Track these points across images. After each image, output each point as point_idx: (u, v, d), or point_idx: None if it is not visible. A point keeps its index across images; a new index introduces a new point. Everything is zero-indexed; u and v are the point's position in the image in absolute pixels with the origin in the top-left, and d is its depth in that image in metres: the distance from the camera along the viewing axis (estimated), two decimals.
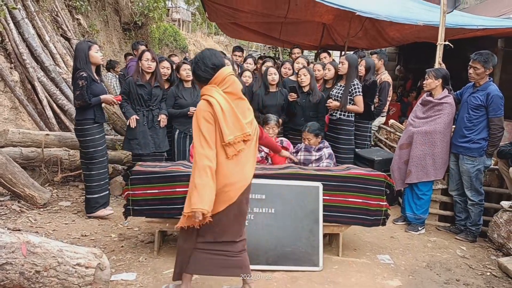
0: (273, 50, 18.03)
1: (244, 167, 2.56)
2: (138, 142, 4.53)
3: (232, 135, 2.46)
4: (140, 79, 4.54)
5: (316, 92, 5.02)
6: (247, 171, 2.59)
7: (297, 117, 5.05)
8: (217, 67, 2.53)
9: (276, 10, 8.00)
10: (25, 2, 6.25)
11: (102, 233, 3.99)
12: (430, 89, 4.39)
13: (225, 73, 2.53)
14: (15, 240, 2.38)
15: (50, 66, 6.19)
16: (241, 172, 2.55)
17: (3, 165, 4.16)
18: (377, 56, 5.90)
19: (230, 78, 2.54)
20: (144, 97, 4.55)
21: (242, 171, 2.55)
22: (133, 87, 4.53)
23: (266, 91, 5.12)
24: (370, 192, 3.60)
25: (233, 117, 2.50)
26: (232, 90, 2.55)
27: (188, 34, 24.46)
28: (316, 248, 3.43)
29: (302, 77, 5.01)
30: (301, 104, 5.00)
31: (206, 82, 2.56)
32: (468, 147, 4.19)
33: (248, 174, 2.60)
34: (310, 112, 5.00)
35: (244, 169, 2.56)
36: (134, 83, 4.52)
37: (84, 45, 4.15)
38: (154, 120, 4.62)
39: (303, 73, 5.02)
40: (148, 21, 11.37)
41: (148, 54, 4.54)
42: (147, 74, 4.58)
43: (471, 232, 4.34)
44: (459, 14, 7.24)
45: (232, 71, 2.60)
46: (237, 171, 2.53)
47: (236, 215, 2.63)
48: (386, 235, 4.34)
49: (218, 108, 2.44)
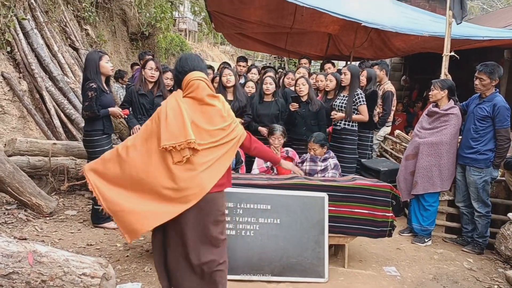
0: (278, 60, 18.11)
1: (196, 177, 2.38)
2: None
3: (170, 141, 2.32)
4: (142, 88, 4.57)
5: (315, 100, 5.04)
6: (203, 178, 2.39)
7: (298, 127, 5.05)
8: (185, 72, 2.50)
9: (282, 21, 8.06)
10: (34, 12, 6.35)
11: (108, 243, 3.99)
12: (436, 100, 4.39)
13: (190, 78, 2.47)
14: (22, 249, 2.40)
15: (58, 76, 6.26)
16: (194, 179, 2.37)
17: (10, 174, 4.20)
18: (378, 67, 5.93)
19: (194, 82, 2.46)
20: (146, 106, 4.57)
21: (195, 179, 2.37)
22: (135, 96, 4.56)
23: (260, 100, 5.16)
24: (376, 203, 3.58)
25: (179, 122, 2.36)
26: (195, 95, 2.46)
27: (195, 44, 24.67)
28: (321, 259, 3.41)
29: (300, 86, 5.03)
30: (301, 113, 5.01)
31: (180, 86, 2.54)
32: (475, 158, 4.17)
33: (203, 182, 2.39)
34: (311, 121, 5.02)
35: (196, 179, 2.38)
36: (136, 92, 4.55)
37: (94, 55, 4.18)
38: None
39: (302, 83, 5.04)
40: (155, 31, 11.47)
41: (152, 63, 4.57)
42: (150, 83, 4.61)
43: (478, 244, 4.30)
44: (465, 25, 7.24)
45: (200, 75, 2.49)
46: (188, 177, 2.36)
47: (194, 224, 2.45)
48: (392, 247, 4.31)
49: (163, 112, 2.39)
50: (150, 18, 10.45)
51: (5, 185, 4.21)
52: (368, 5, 7.35)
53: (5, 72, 5.50)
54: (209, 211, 2.46)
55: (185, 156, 2.34)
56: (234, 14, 7.92)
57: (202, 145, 2.39)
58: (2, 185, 4.23)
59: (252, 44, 11.16)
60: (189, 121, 2.38)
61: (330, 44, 9.34)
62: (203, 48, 26.05)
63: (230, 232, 3.34)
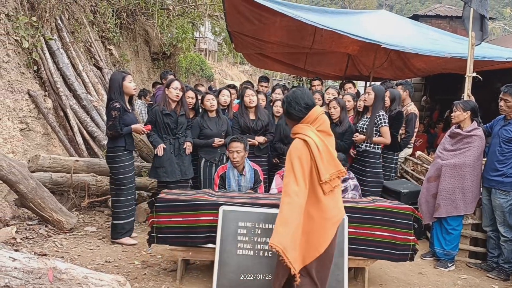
0: (297, 80, 18.18)
1: (338, 201, 2.64)
2: (165, 170, 4.60)
3: (328, 173, 2.52)
4: (166, 108, 4.64)
5: (344, 123, 4.99)
6: (341, 204, 2.67)
7: None
8: (309, 106, 2.60)
9: (301, 41, 8.12)
10: (61, 33, 6.56)
11: (126, 260, 4.00)
12: (459, 122, 4.32)
13: (318, 112, 2.61)
14: (42, 265, 2.41)
15: (82, 94, 6.42)
16: (337, 206, 2.62)
17: (33, 190, 4.28)
18: (402, 87, 5.86)
19: (322, 117, 2.62)
20: (171, 125, 4.64)
21: (337, 205, 2.62)
22: (159, 116, 4.63)
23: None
24: (397, 225, 3.51)
25: (328, 155, 2.55)
26: (324, 128, 2.62)
27: (214, 64, 25.04)
28: (341, 282, 3.33)
29: (332, 110, 5.00)
30: None
31: (299, 120, 2.62)
32: (501, 181, 4.07)
33: (342, 208, 2.67)
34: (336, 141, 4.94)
35: (338, 203, 2.64)
36: (160, 112, 4.62)
37: (118, 75, 4.29)
38: (180, 148, 4.69)
39: (333, 106, 5.01)
40: (176, 51, 11.70)
41: (177, 83, 4.65)
42: (173, 103, 4.68)
43: (503, 270, 4.16)
44: (487, 46, 7.18)
45: (322, 110, 2.67)
46: (334, 205, 2.58)
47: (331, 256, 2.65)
48: (414, 271, 4.19)
49: (314, 147, 2.50)
50: (172, 39, 10.68)
51: (28, 200, 4.29)
52: (388, 26, 7.36)
53: (31, 90, 5.66)
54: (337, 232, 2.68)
55: (335, 186, 2.56)
56: (254, 34, 8.02)
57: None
58: (25, 201, 4.31)
59: (271, 64, 11.25)
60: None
61: (349, 64, 9.34)
62: (222, 67, 26.41)
63: (248, 252, 3.31)
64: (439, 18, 11.78)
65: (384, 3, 52.56)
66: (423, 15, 12.05)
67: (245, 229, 3.33)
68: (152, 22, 9.69)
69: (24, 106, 5.50)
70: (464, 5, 5.34)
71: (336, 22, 6.80)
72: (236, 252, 3.31)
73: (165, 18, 9.65)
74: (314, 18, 6.43)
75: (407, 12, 47.23)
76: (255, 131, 5.09)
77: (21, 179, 4.18)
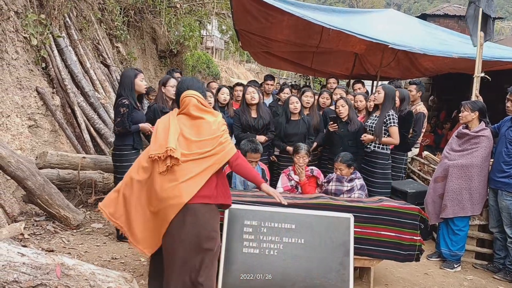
0: (304, 79, 18.16)
1: (178, 185, 2.52)
2: None
3: (157, 151, 2.55)
4: (165, 106, 4.63)
5: (354, 121, 4.97)
6: (181, 189, 2.51)
7: (335, 147, 4.97)
8: (180, 92, 2.79)
9: (308, 40, 8.10)
10: (69, 30, 6.59)
11: (132, 257, 4.03)
12: (466, 122, 4.30)
13: (183, 96, 2.75)
14: (50, 261, 2.44)
15: (89, 92, 6.45)
16: (173, 189, 2.51)
17: (41, 186, 4.31)
18: (416, 88, 5.78)
19: (185, 99, 2.73)
20: None
21: (174, 189, 2.51)
22: (158, 114, 4.61)
23: (287, 119, 5.12)
24: (403, 225, 3.50)
25: (165, 135, 2.60)
26: (186, 111, 2.72)
27: (221, 62, 25.04)
28: (346, 282, 3.33)
29: (340, 108, 4.97)
30: (339, 133, 4.95)
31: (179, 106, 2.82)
32: (508, 182, 4.04)
33: (182, 192, 2.51)
34: (348, 141, 4.92)
35: (177, 187, 2.51)
36: (159, 111, 4.60)
37: (130, 72, 4.28)
38: None
39: (341, 104, 4.97)
40: (183, 49, 11.71)
41: (174, 81, 4.61)
42: (170, 101, 4.66)
43: (510, 272, 4.14)
44: (495, 46, 7.14)
45: (191, 93, 2.74)
46: (169, 187, 2.52)
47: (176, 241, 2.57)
48: (420, 271, 4.18)
49: (155, 127, 2.74)
50: (178, 36, 10.70)
51: (35, 197, 4.33)
52: (396, 25, 7.33)
53: (39, 87, 5.70)
54: (195, 222, 2.55)
55: (167, 165, 2.51)
56: (261, 33, 8.02)
57: (187, 155, 2.56)
58: (33, 197, 4.35)
59: (278, 62, 11.25)
60: (176, 133, 2.60)
61: (356, 63, 9.31)
62: (229, 65, 26.41)
63: (254, 251, 3.32)
64: (447, 17, 11.72)
65: (391, 1, 52.32)
66: (431, 14, 12.00)
67: (251, 228, 3.34)
68: (159, 20, 9.72)
69: (32, 103, 5.54)
70: (468, 5, 5.28)
71: (343, 21, 6.78)
72: (242, 251, 3.31)
73: (173, 16, 9.66)
74: (321, 18, 6.42)
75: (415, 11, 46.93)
76: (256, 130, 5.04)
77: (29, 175, 4.22)
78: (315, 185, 4.41)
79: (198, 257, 2.58)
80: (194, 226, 2.55)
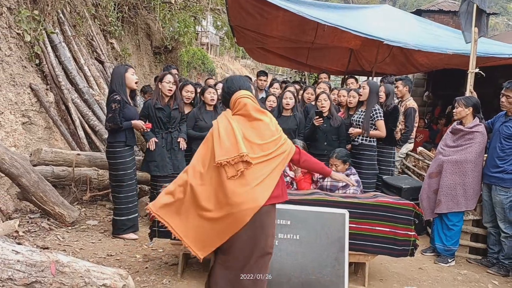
0: (299, 75, 18.14)
1: (253, 188, 2.48)
2: (156, 164, 4.60)
3: (225, 156, 2.45)
4: (159, 102, 4.61)
5: (335, 116, 5.05)
6: (256, 193, 2.48)
7: (319, 142, 5.05)
8: (231, 92, 2.65)
9: (304, 36, 8.10)
10: (62, 27, 6.54)
11: (127, 254, 4.02)
12: (461, 118, 4.32)
13: (236, 97, 2.62)
14: (45, 259, 2.43)
15: (84, 88, 6.41)
16: (248, 194, 2.46)
17: (35, 183, 4.29)
18: (402, 83, 5.83)
19: (240, 101, 2.60)
20: (163, 119, 4.62)
21: (249, 193, 2.46)
22: (152, 110, 4.60)
23: (279, 114, 5.16)
24: (398, 221, 3.52)
25: (232, 139, 2.50)
26: (243, 112, 2.60)
27: (216, 58, 24.94)
28: (341, 277, 3.36)
29: (322, 102, 5.02)
30: (322, 129, 5.00)
31: (228, 105, 2.69)
32: (501, 177, 4.07)
33: (257, 195, 2.48)
34: (332, 136, 5.01)
35: (252, 191, 2.47)
36: (153, 106, 4.60)
37: (121, 68, 4.30)
38: (173, 142, 4.67)
39: (323, 98, 5.04)
40: (178, 45, 11.66)
41: (170, 77, 4.60)
42: (166, 97, 4.65)
43: (503, 266, 4.17)
44: (489, 42, 7.16)
45: (246, 93, 2.63)
46: (243, 192, 2.46)
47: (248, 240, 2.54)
48: (414, 266, 4.21)
49: (216, 130, 2.56)
50: (173, 32, 10.64)
51: (30, 194, 4.31)
52: (391, 21, 7.33)
53: (33, 84, 5.66)
54: (263, 224, 2.54)
55: (239, 170, 2.45)
56: (256, 29, 8.00)
57: (254, 159, 2.49)
58: (27, 194, 4.33)
59: (273, 59, 11.23)
60: (241, 136, 2.51)
61: (351, 59, 9.32)
62: (224, 62, 26.31)
63: None
64: (442, 13, 11.72)
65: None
66: (426, 10, 12.00)
67: None
68: (154, 15, 9.67)
69: (26, 100, 5.50)
70: (462, 0, 5.29)
71: (338, 17, 6.78)
72: None
73: (167, 12, 9.60)
74: (316, 14, 6.41)
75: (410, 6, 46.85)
76: None
77: (23, 172, 4.20)
78: (310, 181, 4.42)
79: (262, 259, 2.60)
80: (262, 227, 2.55)
